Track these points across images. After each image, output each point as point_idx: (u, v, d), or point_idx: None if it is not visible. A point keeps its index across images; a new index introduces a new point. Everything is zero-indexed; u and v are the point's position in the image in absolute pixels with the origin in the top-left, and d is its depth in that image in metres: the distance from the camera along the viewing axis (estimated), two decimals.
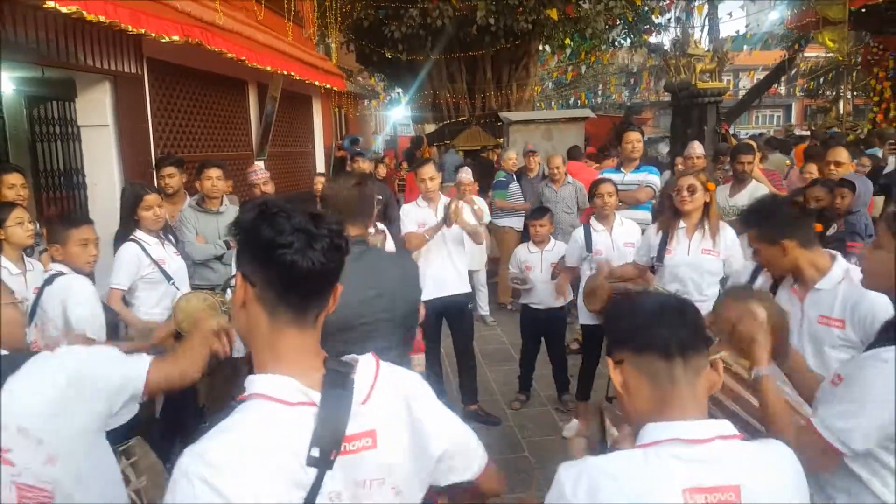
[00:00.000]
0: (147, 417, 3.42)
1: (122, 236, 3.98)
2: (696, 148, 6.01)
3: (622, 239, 4.54)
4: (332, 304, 1.33)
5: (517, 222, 7.48)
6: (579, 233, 4.66)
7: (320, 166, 11.25)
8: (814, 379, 1.95)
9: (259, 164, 6.35)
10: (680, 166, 6.71)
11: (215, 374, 5.20)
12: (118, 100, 5.56)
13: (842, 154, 4.85)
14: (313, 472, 1.19)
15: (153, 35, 5.16)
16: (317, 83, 9.68)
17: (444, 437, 1.40)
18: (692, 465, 1.22)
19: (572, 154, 8.81)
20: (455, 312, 4.78)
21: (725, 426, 1.29)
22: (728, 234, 3.73)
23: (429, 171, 4.67)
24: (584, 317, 4.50)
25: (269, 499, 1.15)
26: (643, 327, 1.31)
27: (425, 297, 3.74)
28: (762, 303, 1.98)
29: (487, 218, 6.85)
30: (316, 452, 1.19)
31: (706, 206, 3.72)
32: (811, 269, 2.37)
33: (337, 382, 1.27)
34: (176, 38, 5.38)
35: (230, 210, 4.86)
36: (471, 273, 5.92)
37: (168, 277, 3.94)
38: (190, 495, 1.11)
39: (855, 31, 15.00)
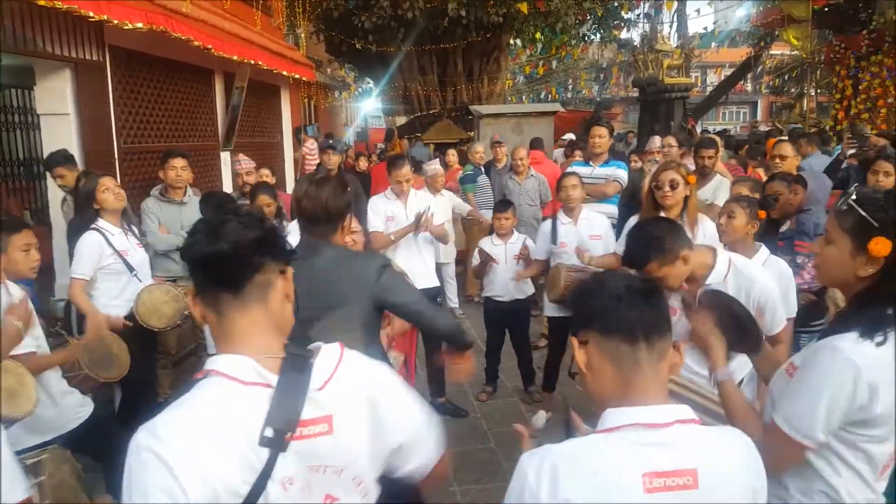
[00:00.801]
0: (105, 414, 3.38)
1: (79, 226, 3.89)
2: (656, 143, 6.09)
3: (588, 231, 4.58)
4: (285, 287, 1.36)
5: (487, 215, 7.48)
6: (546, 225, 4.71)
7: (288, 157, 11.14)
8: (771, 365, 1.96)
9: (243, 155, 6.28)
10: (634, 162, 6.81)
11: (179, 366, 5.16)
12: (79, 88, 5.43)
13: (786, 148, 4.99)
14: (265, 453, 1.20)
15: (115, 22, 5.05)
16: (285, 73, 9.56)
17: (405, 429, 1.43)
18: (652, 450, 1.24)
19: (534, 145, 8.89)
20: None
21: (684, 410, 1.31)
22: (707, 226, 3.71)
23: (405, 173, 4.69)
24: (550, 309, 4.54)
25: (217, 475, 1.15)
26: (609, 309, 1.31)
27: None
28: (712, 307, 2.04)
29: (465, 208, 6.89)
30: (269, 432, 1.20)
31: (686, 199, 3.72)
32: (700, 268, 2.51)
33: (295, 366, 1.29)
34: (140, 25, 5.27)
35: (193, 200, 4.80)
36: (440, 266, 5.94)
37: (130, 268, 3.88)
38: (140, 468, 1.14)
39: (818, 29, 15.28)
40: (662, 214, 3.69)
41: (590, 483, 1.21)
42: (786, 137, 7.58)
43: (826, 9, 13.65)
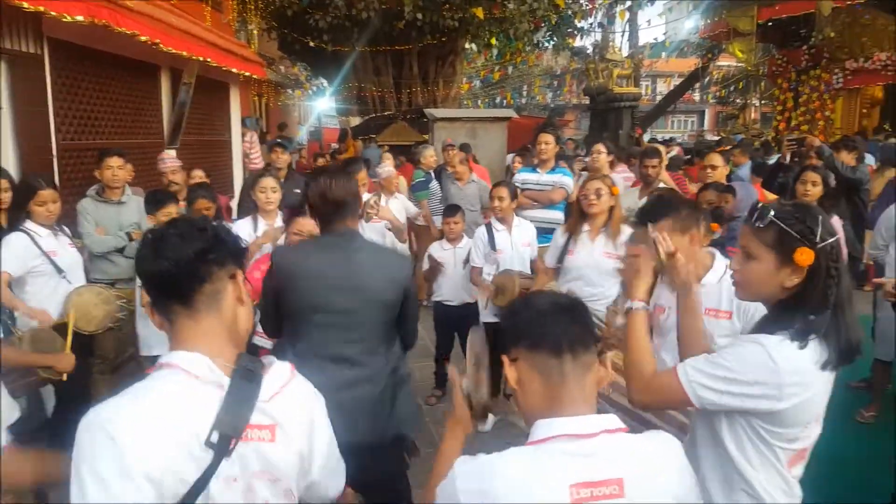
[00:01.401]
0: (38, 419, 3.25)
1: (9, 225, 3.74)
2: (599, 145, 6.25)
3: (520, 239, 4.63)
4: (236, 291, 1.38)
5: (437, 220, 7.47)
6: (482, 231, 4.71)
7: (237, 156, 10.94)
8: (699, 334, 2.00)
9: (170, 153, 6.08)
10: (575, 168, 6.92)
11: (119, 371, 5.00)
12: (14, 81, 5.21)
13: (716, 159, 5.25)
14: (211, 454, 1.23)
15: (53, 14, 4.87)
16: (235, 70, 9.40)
17: (322, 467, 1.49)
18: (579, 461, 1.26)
19: (463, 150, 8.95)
20: None
21: (611, 420, 1.34)
22: (629, 233, 3.81)
23: (362, 177, 4.68)
24: (485, 315, 4.56)
25: (164, 464, 1.19)
26: (536, 325, 1.36)
27: None
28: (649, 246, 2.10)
29: (414, 211, 6.85)
30: (215, 437, 1.24)
31: (611, 209, 3.83)
32: (698, 266, 2.51)
33: (246, 376, 1.32)
34: (80, 17, 5.09)
35: (132, 200, 4.67)
36: None
37: (59, 270, 3.74)
38: (91, 446, 1.18)
39: (762, 43, 15.81)
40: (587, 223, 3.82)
41: (518, 494, 1.23)
42: (721, 147, 7.85)
43: (769, 23, 14.14)
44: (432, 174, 7.87)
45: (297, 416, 1.40)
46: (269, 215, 4.32)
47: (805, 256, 1.61)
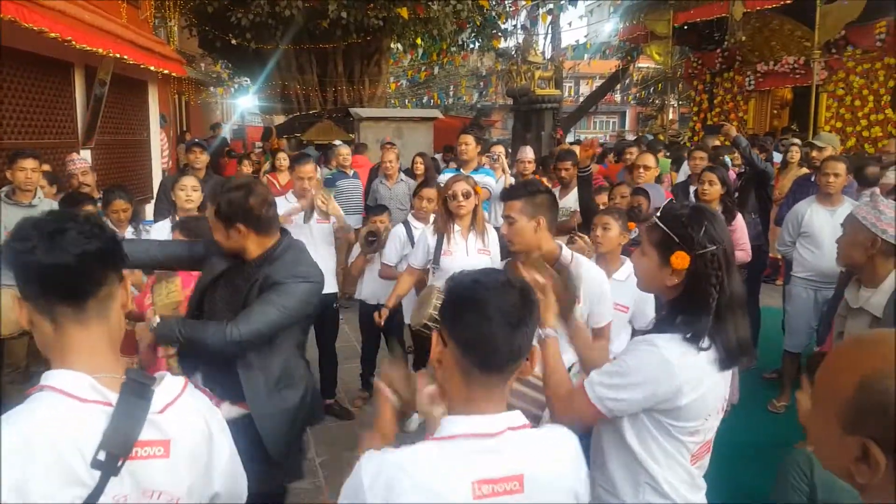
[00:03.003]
0: None
1: None
2: (527, 153, 6.32)
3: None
4: (123, 297, 1.32)
5: (354, 221, 7.26)
6: (400, 230, 4.69)
7: (156, 156, 10.64)
8: (593, 349, 2.15)
9: (78, 154, 5.87)
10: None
11: (31, 381, 4.83)
12: None
13: (649, 159, 5.30)
14: (98, 474, 1.18)
15: None
16: (153, 68, 9.16)
17: (225, 478, 1.44)
18: (482, 458, 1.29)
19: (359, 150, 9.07)
20: (321, 311, 4.59)
21: (516, 417, 1.37)
22: (493, 234, 3.98)
23: (309, 170, 4.51)
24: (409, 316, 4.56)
25: (43, 492, 1.12)
26: (481, 336, 1.33)
27: None
28: (542, 271, 2.18)
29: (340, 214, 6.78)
30: (102, 456, 1.18)
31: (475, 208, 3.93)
32: (548, 253, 2.59)
33: (135, 390, 1.26)
34: None
35: (44, 203, 4.52)
36: None
37: None
38: None
39: (679, 45, 16.40)
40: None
41: (421, 491, 1.24)
42: (645, 148, 8.08)
43: (685, 27, 14.66)
44: (347, 172, 7.66)
45: (193, 428, 1.35)
46: (188, 215, 4.25)
47: (680, 260, 1.70)
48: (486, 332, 1.30)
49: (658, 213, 1.80)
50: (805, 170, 7.19)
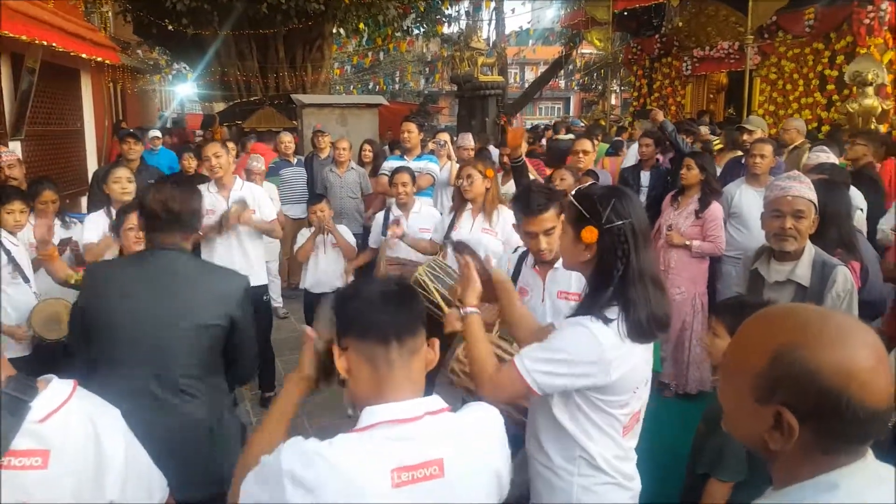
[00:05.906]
0: None
1: None
2: (468, 140, 6.41)
3: (418, 224, 4.72)
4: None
5: (299, 210, 7.14)
6: (380, 216, 4.94)
7: (91, 147, 10.30)
8: (530, 328, 2.22)
9: (6, 147, 5.64)
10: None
11: None
12: None
13: (586, 144, 5.47)
14: None
15: None
16: (85, 56, 8.85)
17: (122, 483, 1.40)
18: (400, 444, 1.29)
19: (262, 139, 9.17)
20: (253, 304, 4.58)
21: (434, 402, 1.38)
22: (504, 216, 4.04)
23: (213, 148, 4.45)
24: None
25: None
26: (363, 314, 1.37)
27: None
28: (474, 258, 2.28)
29: (278, 206, 6.71)
30: None
31: (487, 190, 4.12)
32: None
33: (9, 402, 1.23)
34: None
35: None
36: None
37: None
38: None
39: (619, 31, 16.64)
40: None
41: (341, 481, 1.24)
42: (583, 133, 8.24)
43: (625, 13, 14.87)
44: (291, 161, 7.59)
45: (78, 434, 1.31)
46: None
47: (589, 234, 1.80)
48: (370, 306, 1.37)
49: (573, 193, 1.88)
50: (738, 153, 7.42)
